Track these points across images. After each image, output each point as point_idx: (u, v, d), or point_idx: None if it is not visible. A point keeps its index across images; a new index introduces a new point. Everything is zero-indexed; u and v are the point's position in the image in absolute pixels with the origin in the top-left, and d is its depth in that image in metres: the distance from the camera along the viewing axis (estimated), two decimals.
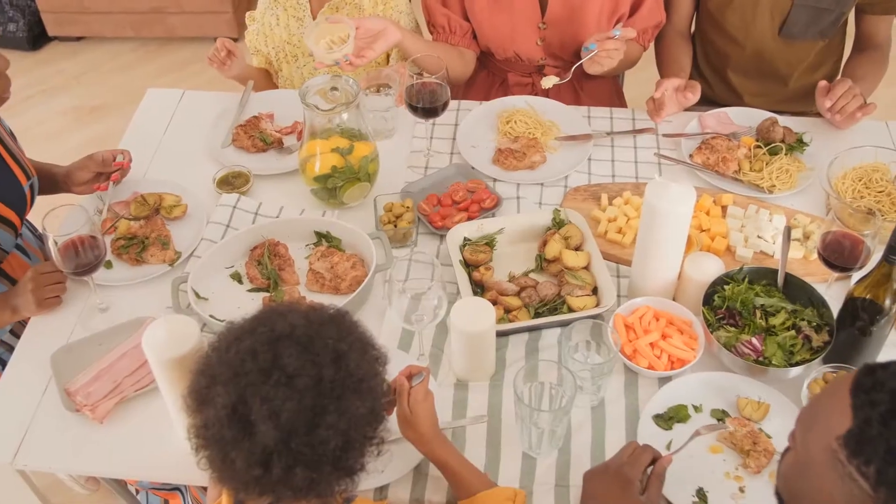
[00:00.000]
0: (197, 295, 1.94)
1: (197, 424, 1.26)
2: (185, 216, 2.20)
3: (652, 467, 1.56)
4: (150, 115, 2.52)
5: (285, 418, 1.19)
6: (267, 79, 2.78)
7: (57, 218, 1.83)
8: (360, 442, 1.27)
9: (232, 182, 2.28)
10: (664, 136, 2.42)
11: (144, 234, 2.10)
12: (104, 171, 2.20)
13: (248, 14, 2.69)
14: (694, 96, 2.34)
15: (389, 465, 1.64)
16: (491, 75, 2.76)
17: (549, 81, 2.41)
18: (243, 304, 1.99)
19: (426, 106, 2.22)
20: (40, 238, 2.37)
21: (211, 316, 1.89)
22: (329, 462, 1.22)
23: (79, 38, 4.95)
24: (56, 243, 1.81)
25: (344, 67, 2.21)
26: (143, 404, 1.81)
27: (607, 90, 2.79)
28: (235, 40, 4.79)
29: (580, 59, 2.35)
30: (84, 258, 1.85)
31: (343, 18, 2.20)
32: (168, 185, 2.26)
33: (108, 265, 2.07)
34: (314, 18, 2.54)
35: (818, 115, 2.45)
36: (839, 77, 2.43)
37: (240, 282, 2.05)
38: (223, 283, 2.04)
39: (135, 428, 1.78)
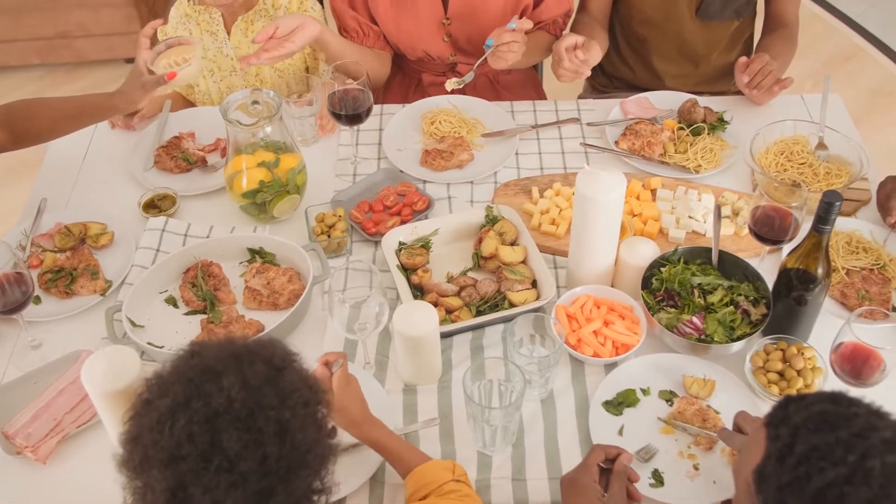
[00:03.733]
0: (133, 323, 1.90)
1: (135, 492, 1.18)
2: (112, 244, 2.14)
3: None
4: (68, 142, 2.42)
5: None
6: (184, 100, 2.73)
7: None
8: (310, 500, 1.21)
9: (158, 205, 2.24)
10: (588, 125, 2.44)
11: (72, 266, 2.04)
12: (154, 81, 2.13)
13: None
14: (588, 55, 2.24)
15: (346, 477, 1.63)
16: (407, 77, 2.75)
17: (451, 84, 2.43)
18: (181, 328, 1.95)
19: (349, 113, 2.20)
20: None
21: (149, 343, 1.85)
22: None
23: None
24: None
25: (260, 57, 2.17)
26: (87, 441, 1.76)
27: (526, 84, 2.81)
28: None
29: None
30: (11, 296, 1.79)
31: (192, 40, 2.17)
32: (92, 213, 2.21)
33: (37, 301, 2.01)
34: (228, 32, 2.50)
35: (737, 93, 2.50)
36: (755, 54, 2.47)
37: (175, 306, 2.00)
38: (159, 309, 2.00)
39: (80, 465, 1.73)
